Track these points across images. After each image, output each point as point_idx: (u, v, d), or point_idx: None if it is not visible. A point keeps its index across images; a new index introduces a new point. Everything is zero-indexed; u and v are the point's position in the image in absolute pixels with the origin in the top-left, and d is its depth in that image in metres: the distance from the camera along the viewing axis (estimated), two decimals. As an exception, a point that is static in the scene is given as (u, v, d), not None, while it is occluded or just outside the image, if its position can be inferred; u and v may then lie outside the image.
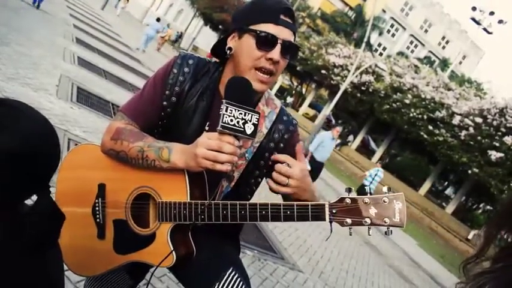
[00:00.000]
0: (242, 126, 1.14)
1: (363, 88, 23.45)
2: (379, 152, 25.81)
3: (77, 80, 6.68)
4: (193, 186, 1.25)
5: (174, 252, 1.23)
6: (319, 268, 5.50)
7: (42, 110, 4.57)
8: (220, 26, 37.97)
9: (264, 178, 1.45)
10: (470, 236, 18.40)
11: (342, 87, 16.11)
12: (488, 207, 25.35)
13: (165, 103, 1.38)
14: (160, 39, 26.17)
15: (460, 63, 47.00)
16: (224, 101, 1.13)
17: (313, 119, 30.87)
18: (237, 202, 1.20)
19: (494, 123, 17.70)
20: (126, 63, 11.61)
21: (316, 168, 9.06)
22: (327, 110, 21.96)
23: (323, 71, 26.29)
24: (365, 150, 27.89)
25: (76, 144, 4.28)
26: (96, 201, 1.38)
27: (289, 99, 34.80)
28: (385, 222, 1.14)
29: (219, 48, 1.41)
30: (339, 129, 9.42)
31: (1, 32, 6.74)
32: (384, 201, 1.14)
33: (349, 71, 23.36)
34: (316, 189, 1.43)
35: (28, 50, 6.69)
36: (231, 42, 1.35)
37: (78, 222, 1.38)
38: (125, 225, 1.32)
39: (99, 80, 7.68)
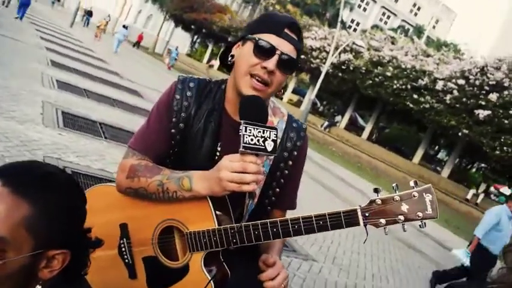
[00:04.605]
0: (263, 144, 1.13)
1: (343, 67, 23.47)
2: (368, 128, 25.93)
3: (59, 104, 6.57)
4: (218, 211, 1.23)
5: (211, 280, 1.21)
6: (331, 254, 5.54)
7: (32, 142, 4.48)
8: (192, 26, 37.73)
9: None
10: (469, 196, 18.64)
11: (324, 70, 16.11)
12: (482, 165, 25.72)
13: (173, 131, 1.36)
14: (96, 29, 29.02)
15: (434, 27, 47.36)
16: (242, 121, 1.12)
17: (298, 104, 30.89)
18: (268, 220, 1.19)
19: (477, 82, 17.85)
20: (104, 79, 11.45)
21: (483, 264, 5.32)
22: (312, 94, 21.99)
23: (301, 56, 26.24)
24: (354, 127, 28.01)
25: (72, 171, 4.22)
26: (121, 242, 1.35)
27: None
28: (419, 217, 1.14)
29: (225, 57, 1.41)
30: None
31: (-26, 67, 6.59)
32: (414, 196, 1.14)
33: (327, 52, 23.38)
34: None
35: (5, 82, 6.54)
36: (235, 50, 1.36)
37: (107, 266, 1.35)
38: (155, 261, 1.30)
39: (82, 101, 7.57)
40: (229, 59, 1.36)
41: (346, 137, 24.61)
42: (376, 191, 1.16)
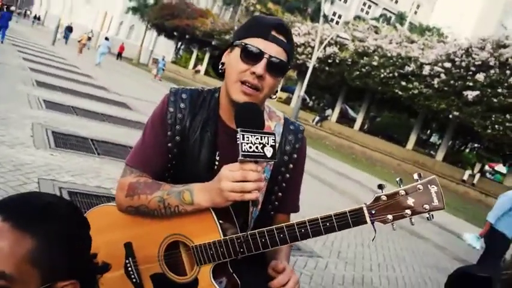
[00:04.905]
0: (261, 151, 1.11)
1: (329, 61, 23.48)
2: (359, 119, 25.97)
3: (49, 124, 6.51)
4: (223, 221, 1.21)
5: None
6: (336, 248, 5.53)
7: (25, 166, 4.43)
8: (175, 33, 37.63)
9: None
10: (465, 177, 18.73)
11: (310, 65, 16.08)
12: (475, 145, 25.90)
13: (169, 145, 1.34)
14: (78, 43, 29.70)
15: (416, 13, 47.64)
16: (239, 129, 1.10)
17: (287, 101, 30.88)
18: (274, 227, 1.17)
19: (463, 64, 17.93)
20: (92, 94, 11.38)
21: (495, 248, 5.35)
22: (301, 91, 22.00)
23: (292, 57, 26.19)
24: (345, 119, 28.02)
25: (69, 191, 4.17)
26: (127, 261, 1.32)
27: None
28: (426, 209, 1.13)
29: (216, 65, 1.38)
30: None
31: (-41, 95, 6.50)
32: (419, 189, 1.13)
33: (312, 47, 23.38)
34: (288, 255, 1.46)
35: (-8, 107, 6.48)
36: (224, 58, 1.34)
37: (115, 287, 1.33)
38: (163, 278, 1.28)
39: (71, 118, 7.50)
40: (220, 66, 1.34)
41: (339, 129, 24.67)
42: (380, 187, 1.15)
